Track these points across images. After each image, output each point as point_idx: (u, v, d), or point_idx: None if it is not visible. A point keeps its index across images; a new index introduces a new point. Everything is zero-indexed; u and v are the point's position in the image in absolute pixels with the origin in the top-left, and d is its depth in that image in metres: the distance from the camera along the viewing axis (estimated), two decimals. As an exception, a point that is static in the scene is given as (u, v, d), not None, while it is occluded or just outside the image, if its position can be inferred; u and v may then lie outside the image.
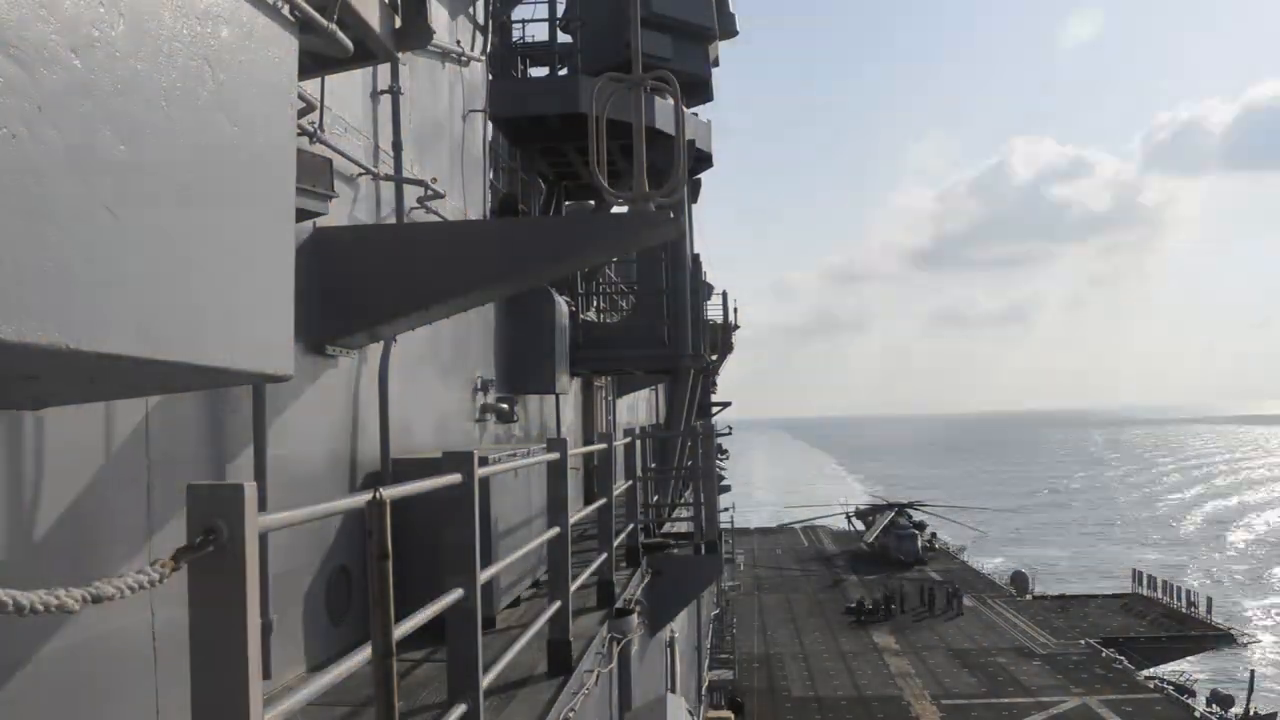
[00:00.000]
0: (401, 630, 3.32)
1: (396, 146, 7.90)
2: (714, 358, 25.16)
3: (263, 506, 5.32)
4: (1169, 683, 38.16)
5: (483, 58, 10.67)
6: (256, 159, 2.84)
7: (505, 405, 10.88)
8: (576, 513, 7.22)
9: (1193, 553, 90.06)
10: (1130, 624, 46.43)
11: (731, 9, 18.35)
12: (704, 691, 26.69)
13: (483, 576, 4.38)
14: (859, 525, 74.36)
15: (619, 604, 8.63)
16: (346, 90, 6.91)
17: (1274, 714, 36.63)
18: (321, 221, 6.24)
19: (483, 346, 10.49)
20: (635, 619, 8.40)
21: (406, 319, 6.36)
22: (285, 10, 3.04)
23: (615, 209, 8.88)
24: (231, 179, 2.71)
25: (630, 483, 10.68)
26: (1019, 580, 56.39)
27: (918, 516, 68.93)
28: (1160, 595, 49.54)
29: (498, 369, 11.00)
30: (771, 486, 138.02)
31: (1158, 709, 34.08)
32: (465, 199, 10.07)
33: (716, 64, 17.59)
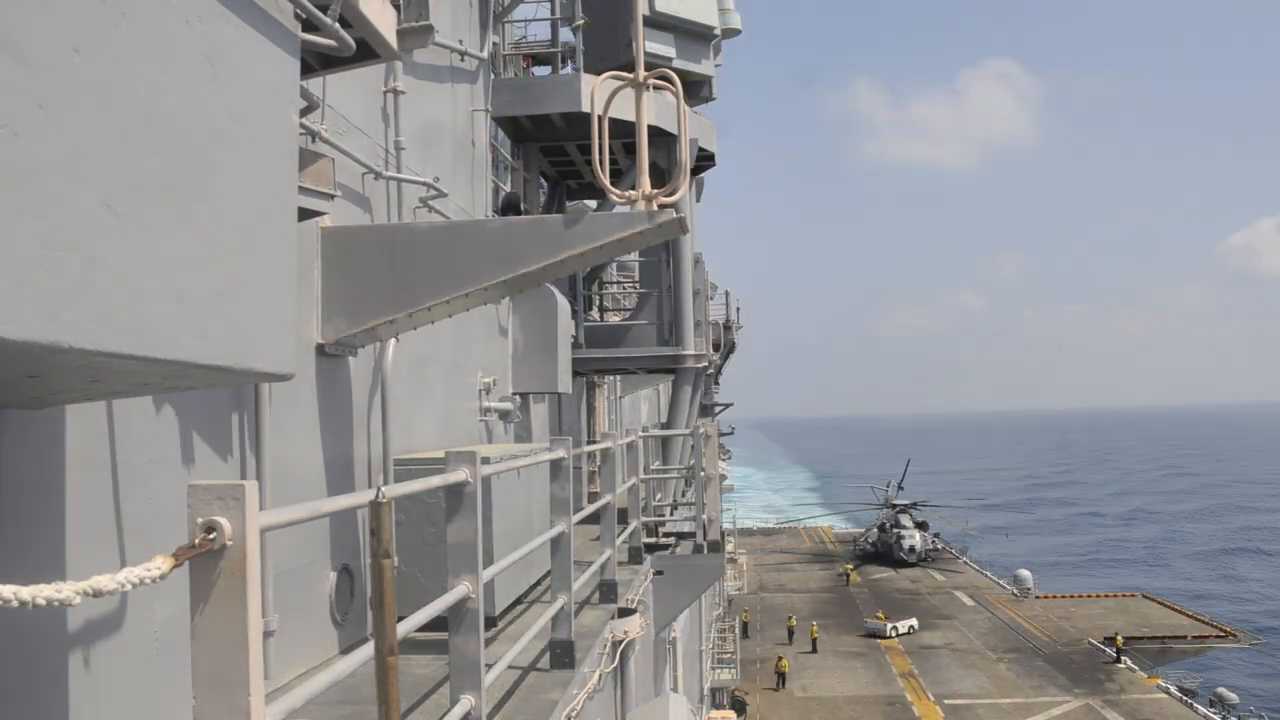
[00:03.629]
0: (404, 629, 3.32)
1: (399, 146, 7.91)
2: (716, 357, 25.17)
3: (264, 505, 5.34)
4: (1172, 683, 38.14)
5: (485, 57, 10.67)
6: (258, 158, 2.84)
7: (508, 405, 10.89)
8: (579, 512, 7.22)
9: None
10: (1133, 624, 46.42)
11: (733, 7, 18.34)
12: (706, 691, 26.68)
13: (485, 575, 4.38)
14: (862, 525, 74.38)
15: (621, 603, 8.62)
16: (349, 89, 6.91)
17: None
18: (323, 221, 6.25)
19: (485, 346, 10.50)
20: (638, 618, 8.39)
21: (408, 318, 6.36)
22: (288, 9, 3.04)
23: (618, 208, 8.88)
24: (232, 178, 2.71)
25: (633, 482, 10.68)
26: (1020, 581, 56.37)
27: (920, 516, 68.94)
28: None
29: (500, 369, 11.01)
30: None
31: (1160, 709, 34.07)
32: (468, 198, 10.07)
33: (719, 63, 17.57)
